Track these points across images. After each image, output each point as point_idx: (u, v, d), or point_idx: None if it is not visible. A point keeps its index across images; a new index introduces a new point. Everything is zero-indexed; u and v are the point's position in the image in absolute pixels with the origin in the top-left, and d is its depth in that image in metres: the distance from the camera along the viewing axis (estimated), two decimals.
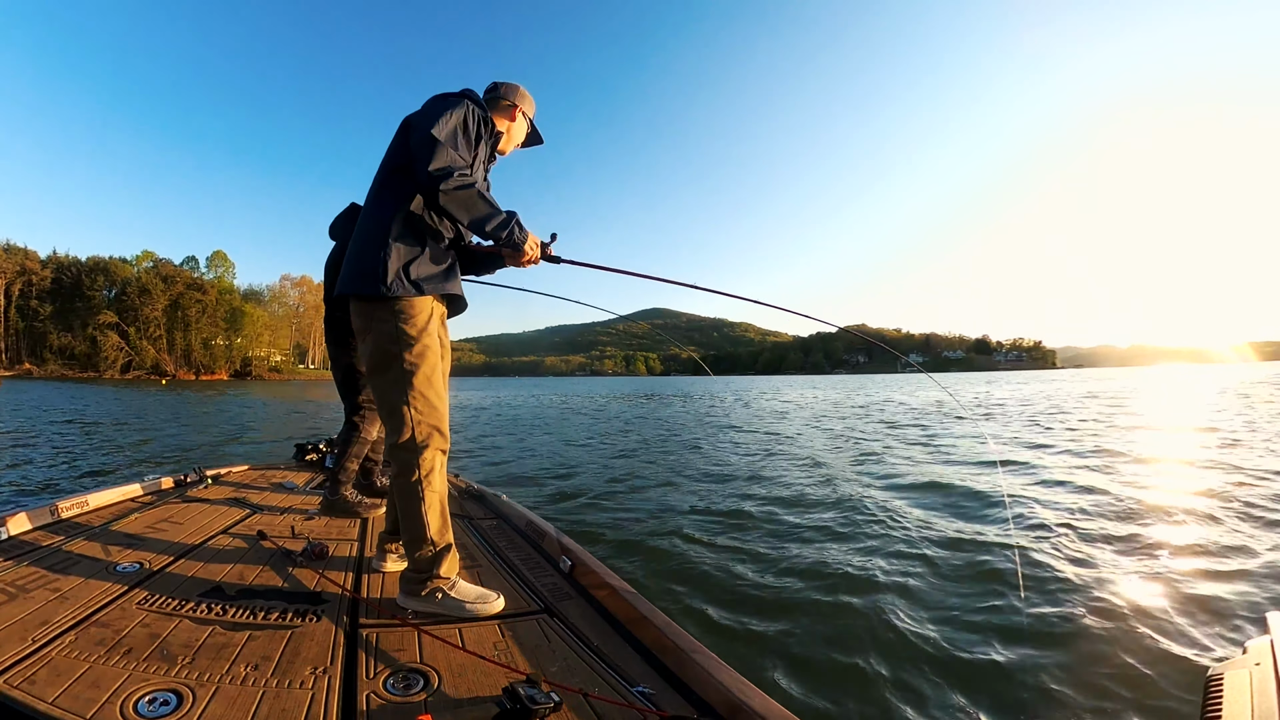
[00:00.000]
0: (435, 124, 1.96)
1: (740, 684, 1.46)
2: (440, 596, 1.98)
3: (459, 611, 1.96)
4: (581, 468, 8.50)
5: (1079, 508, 5.54)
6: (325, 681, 1.49)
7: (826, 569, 4.01)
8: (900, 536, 4.76)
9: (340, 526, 3.05)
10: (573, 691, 1.47)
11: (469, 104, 2.08)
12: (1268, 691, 0.97)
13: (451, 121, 2.01)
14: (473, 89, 2.27)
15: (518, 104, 2.40)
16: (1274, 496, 5.75)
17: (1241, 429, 11.38)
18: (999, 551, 4.28)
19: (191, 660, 1.54)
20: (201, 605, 1.91)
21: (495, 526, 3.13)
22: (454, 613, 1.96)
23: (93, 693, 1.34)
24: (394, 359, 1.99)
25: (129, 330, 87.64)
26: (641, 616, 1.87)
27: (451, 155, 1.96)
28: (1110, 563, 3.98)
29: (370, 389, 2.34)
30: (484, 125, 2.17)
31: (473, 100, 2.16)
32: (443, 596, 1.98)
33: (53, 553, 2.33)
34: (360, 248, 2.04)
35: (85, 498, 3.07)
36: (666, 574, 3.91)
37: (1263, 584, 3.48)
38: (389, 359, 2.00)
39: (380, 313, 1.99)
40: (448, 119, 2.00)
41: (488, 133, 2.21)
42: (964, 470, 7.77)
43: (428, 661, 1.63)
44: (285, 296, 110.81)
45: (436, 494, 2.03)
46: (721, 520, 5.40)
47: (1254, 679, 1.02)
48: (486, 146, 2.23)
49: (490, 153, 2.31)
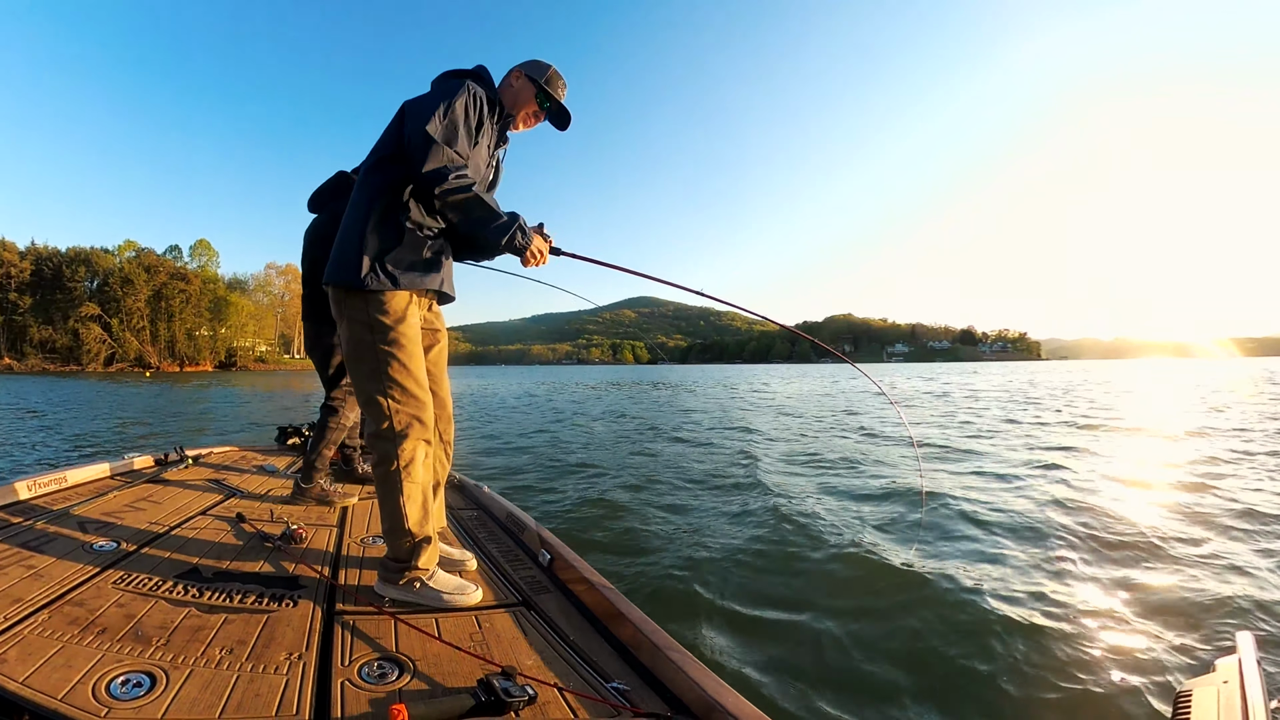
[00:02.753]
0: (430, 119, 1.90)
1: (714, 683, 1.47)
2: (418, 586, 1.98)
3: (436, 602, 1.96)
4: (565, 458, 8.52)
5: (1047, 517, 5.64)
6: (300, 667, 1.49)
7: (799, 569, 4.05)
8: (878, 537, 4.81)
9: (320, 512, 3.03)
10: (548, 685, 1.48)
11: (470, 88, 2.01)
12: (1233, 708, 1.01)
13: (449, 114, 1.94)
14: (486, 66, 2.21)
15: (524, 74, 2.23)
16: (1245, 511, 5.86)
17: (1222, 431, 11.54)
18: (958, 561, 4.34)
19: (166, 642, 1.53)
20: (178, 587, 1.90)
21: (476, 518, 3.12)
22: (431, 603, 1.96)
23: (65, 673, 1.33)
24: (369, 348, 1.97)
25: (111, 322, 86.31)
26: (619, 613, 1.87)
27: (447, 155, 1.91)
28: (1084, 575, 4.05)
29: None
30: (488, 108, 2.10)
31: (477, 81, 2.10)
32: (420, 586, 1.98)
33: (27, 529, 2.30)
34: (342, 234, 2.02)
35: (63, 473, 3.02)
36: (643, 570, 3.93)
37: (1234, 599, 3.53)
38: (364, 347, 1.98)
39: (355, 301, 1.98)
40: (445, 111, 1.93)
41: (493, 116, 2.15)
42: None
43: (404, 651, 1.63)
44: (270, 285, 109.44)
45: (417, 485, 2.01)
46: (704, 516, 5.43)
47: (1221, 696, 1.05)
48: (493, 131, 2.18)
49: (499, 136, 2.25)
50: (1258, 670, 1.11)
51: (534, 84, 2.22)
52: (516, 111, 2.25)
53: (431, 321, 2.27)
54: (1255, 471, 7.08)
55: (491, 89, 2.16)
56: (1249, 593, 3.47)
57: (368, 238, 1.96)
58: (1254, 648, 1.20)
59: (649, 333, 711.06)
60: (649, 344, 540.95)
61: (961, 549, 4.32)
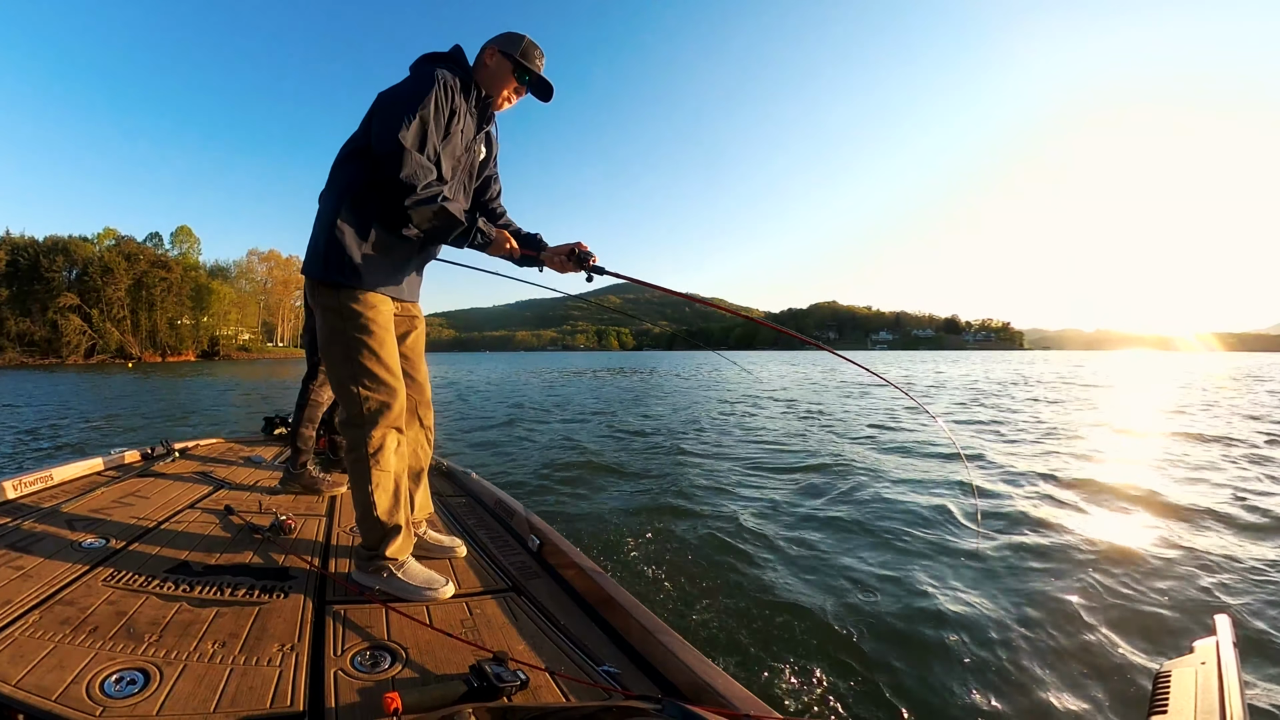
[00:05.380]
0: (401, 125, 1.88)
1: (705, 665, 1.49)
2: (386, 576, 1.98)
3: (405, 593, 1.95)
4: (552, 445, 8.53)
5: (1041, 493, 5.72)
6: (293, 658, 1.49)
7: (791, 555, 4.09)
8: (867, 514, 4.87)
9: (309, 502, 3.03)
10: (539, 670, 1.49)
11: (440, 78, 1.98)
12: (1210, 688, 1.04)
13: (419, 115, 1.91)
14: (461, 47, 2.19)
15: (498, 51, 2.17)
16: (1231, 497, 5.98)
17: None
18: (956, 531, 4.40)
19: (158, 638, 1.53)
20: (168, 582, 1.89)
21: (465, 504, 3.13)
22: (400, 594, 1.95)
23: (58, 673, 1.33)
24: (340, 335, 1.99)
25: (92, 312, 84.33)
26: (608, 597, 1.89)
27: (415, 162, 1.89)
28: (1069, 550, 4.12)
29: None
30: (463, 93, 2.08)
31: (452, 65, 2.09)
32: (389, 576, 1.98)
33: (14, 530, 2.28)
34: (315, 225, 2.04)
35: (49, 472, 2.99)
36: (633, 554, 3.97)
37: (1209, 583, 3.63)
38: (335, 335, 2.00)
39: (326, 290, 2.00)
40: (415, 113, 1.91)
41: (468, 100, 2.13)
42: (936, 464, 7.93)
43: (395, 639, 1.64)
44: (253, 272, 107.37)
45: (387, 473, 2.02)
46: (690, 499, 5.47)
47: (1199, 676, 1.08)
48: (471, 115, 2.15)
49: (481, 118, 2.22)
50: (1234, 652, 1.14)
51: (509, 60, 2.16)
52: (495, 92, 2.20)
53: (408, 309, 2.29)
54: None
55: (466, 71, 2.14)
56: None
57: (337, 232, 1.97)
58: (1231, 630, 1.23)
59: (634, 319, 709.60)
60: (634, 331, 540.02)
61: (965, 531, 4.40)
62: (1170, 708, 1.03)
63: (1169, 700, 1.05)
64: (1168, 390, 20.75)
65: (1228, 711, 0.97)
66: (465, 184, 2.29)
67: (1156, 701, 1.06)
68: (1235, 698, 1.00)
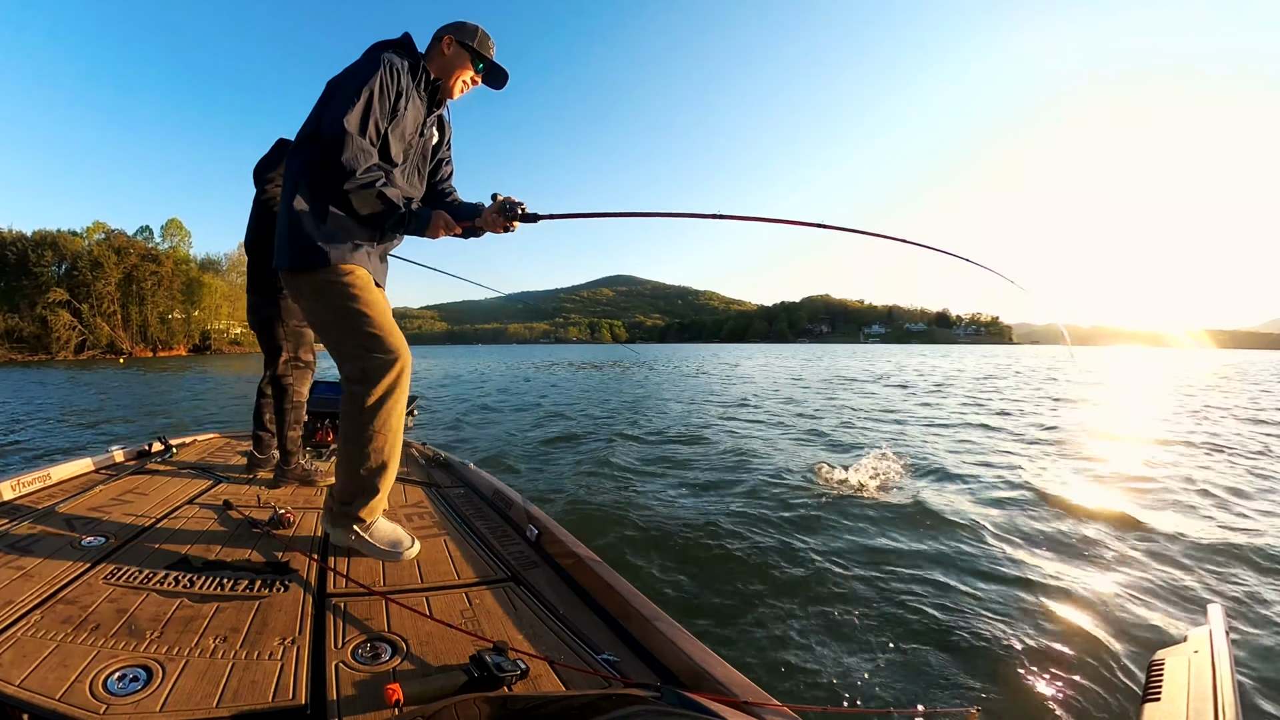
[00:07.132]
0: (347, 109, 1.93)
1: (703, 653, 1.50)
2: (354, 536, 2.08)
3: (371, 552, 2.06)
4: (548, 435, 8.54)
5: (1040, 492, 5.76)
6: (294, 652, 1.50)
7: (786, 543, 4.11)
8: (862, 512, 4.89)
9: (306, 495, 3.03)
10: (539, 659, 1.50)
11: (387, 62, 2.03)
12: (1203, 677, 1.06)
13: (362, 99, 1.96)
14: (410, 34, 2.23)
15: (454, 40, 2.26)
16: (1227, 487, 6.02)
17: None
18: (971, 534, 4.43)
19: (160, 634, 1.54)
20: (168, 578, 1.90)
21: (463, 495, 3.14)
22: (366, 552, 2.06)
23: (61, 672, 1.33)
24: (328, 313, 2.05)
25: (81, 308, 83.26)
26: (607, 585, 1.90)
27: (357, 145, 1.95)
28: (1061, 546, 4.15)
29: (297, 344, 2.45)
30: (411, 78, 2.13)
31: (401, 51, 2.14)
32: (356, 537, 2.07)
33: (14, 530, 2.28)
34: (279, 216, 2.08)
35: (47, 471, 2.98)
36: (631, 543, 3.98)
37: (1204, 573, 3.68)
38: (324, 316, 2.07)
39: (299, 276, 2.04)
40: (359, 96, 1.96)
41: (418, 85, 2.17)
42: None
43: (395, 630, 1.65)
44: (244, 265, 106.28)
45: (381, 433, 2.05)
46: (685, 489, 5.48)
47: (1192, 665, 1.11)
48: (419, 98, 2.19)
49: (431, 102, 2.26)
50: (1226, 641, 1.16)
51: (466, 49, 2.26)
52: (449, 78, 2.28)
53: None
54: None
55: (415, 57, 2.18)
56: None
57: (296, 216, 2.00)
58: (1223, 619, 1.26)
59: (627, 311, 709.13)
60: (627, 323, 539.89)
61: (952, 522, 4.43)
62: (1164, 695, 1.05)
63: (1162, 688, 1.07)
64: (1166, 392, 20.91)
65: (1220, 699, 0.99)
66: (420, 167, 2.34)
67: (1150, 689, 1.08)
68: (1227, 686, 1.02)
